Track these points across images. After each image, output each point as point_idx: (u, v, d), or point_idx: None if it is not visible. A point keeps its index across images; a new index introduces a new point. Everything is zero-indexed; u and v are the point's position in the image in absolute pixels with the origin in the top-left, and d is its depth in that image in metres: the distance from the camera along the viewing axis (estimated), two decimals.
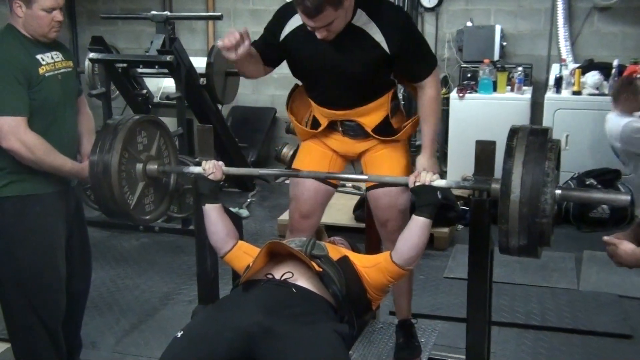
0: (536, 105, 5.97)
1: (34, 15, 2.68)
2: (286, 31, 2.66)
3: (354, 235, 3.51)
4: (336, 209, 5.05)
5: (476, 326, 2.42)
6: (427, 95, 2.71)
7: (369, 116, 2.77)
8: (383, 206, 2.82)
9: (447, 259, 4.71)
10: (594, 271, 4.45)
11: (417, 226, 2.33)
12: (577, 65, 5.85)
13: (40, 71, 2.72)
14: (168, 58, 4.96)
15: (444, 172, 5.85)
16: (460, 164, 5.79)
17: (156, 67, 5.32)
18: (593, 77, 5.63)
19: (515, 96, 5.88)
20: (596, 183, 5.27)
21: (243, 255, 2.48)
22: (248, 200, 6.00)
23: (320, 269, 2.32)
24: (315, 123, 2.89)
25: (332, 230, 4.55)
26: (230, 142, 5.87)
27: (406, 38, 2.59)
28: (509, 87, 5.93)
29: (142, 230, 5.19)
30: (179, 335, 2.07)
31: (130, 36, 7.34)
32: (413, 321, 3.07)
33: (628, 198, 2.06)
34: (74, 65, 2.97)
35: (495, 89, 5.92)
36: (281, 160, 6.43)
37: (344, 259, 2.43)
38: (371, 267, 2.41)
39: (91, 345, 3.61)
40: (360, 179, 3.29)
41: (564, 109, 5.59)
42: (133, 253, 4.95)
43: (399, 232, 2.72)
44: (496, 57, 6.07)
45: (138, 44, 7.17)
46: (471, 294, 2.39)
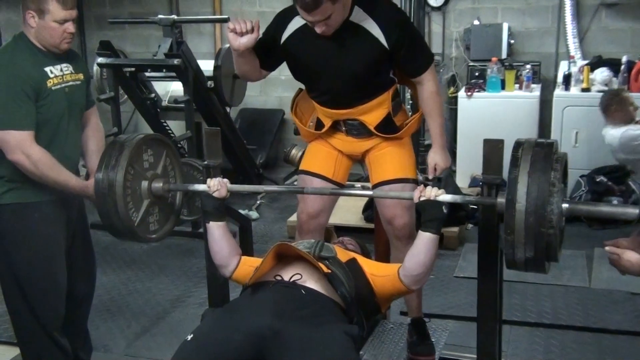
0: (545, 102, 5.94)
1: (46, 26, 2.67)
2: (287, 34, 2.71)
3: (363, 235, 3.51)
4: (345, 210, 5.05)
5: (487, 325, 2.41)
6: (427, 90, 2.76)
7: (371, 114, 2.80)
8: (388, 202, 2.82)
9: (458, 258, 4.70)
10: (606, 269, 4.41)
11: (423, 242, 2.28)
12: (586, 62, 5.83)
13: (48, 84, 2.71)
14: (176, 61, 4.97)
15: (453, 172, 5.83)
16: (469, 163, 5.78)
17: (164, 71, 5.33)
18: (602, 74, 5.60)
19: (523, 94, 5.86)
20: (606, 180, 5.25)
21: (249, 269, 2.44)
22: (257, 202, 5.99)
23: (329, 271, 2.32)
24: (319, 124, 2.91)
25: (341, 230, 4.56)
26: (238, 144, 5.88)
27: (403, 32, 2.63)
28: (517, 85, 5.92)
29: None
30: (189, 338, 2.08)
31: (137, 40, 7.36)
32: (425, 319, 3.06)
33: (637, 212, 2.01)
34: (86, 77, 2.94)
35: (503, 87, 5.91)
36: (290, 161, 6.43)
37: (353, 261, 2.43)
38: (379, 277, 2.40)
39: (103, 348, 3.63)
40: (365, 195, 3.30)
41: (573, 106, 5.57)
42: (143, 256, 4.97)
43: (405, 229, 2.73)
44: (504, 55, 6.05)
45: (146, 48, 7.19)
46: (481, 293, 2.39)
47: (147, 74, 5.55)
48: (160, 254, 4.99)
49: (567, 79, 5.70)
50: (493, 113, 5.80)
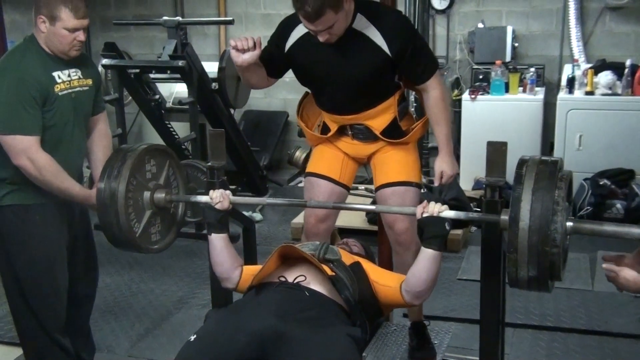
0: (549, 105, 5.94)
1: (57, 33, 2.66)
2: (291, 42, 2.70)
3: (367, 237, 3.51)
4: (349, 212, 5.04)
5: (489, 328, 2.41)
6: (433, 97, 2.74)
7: (377, 119, 2.80)
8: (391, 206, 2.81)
9: (461, 261, 4.71)
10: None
11: (426, 259, 2.27)
12: (590, 65, 5.81)
13: (55, 89, 2.71)
14: (180, 63, 4.98)
15: (457, 174, 5.82)
16: (472, 166, 5.78)
17: (168, 73, 5.34)
18: (606, 77, 5.59)
19: (527, 97, 5.86)
20: (610, 183, 5.25)
21: (251, 277, 2.43)
22: None
23: (333, 273, 2.32)
24: (325, 128, 2.92)
25: (345, 232, 4.57)
26: (242, 146, 5.89)
27: (406, 40, 2.62)
28: (521, 88, 5.91)
29: None
30: (192, 339, 2.08)
31: (142, 42, 7.38)
32: (425, 322, 3.06)
33: None
34: (95, 82, 2.92)
35: (507, 90, 5.90)
36: (294, 163, 6.45)
37: (357, 265, 2.44)
38: (382, 286, 2.40)
39: (106, 349, 3.64)
40: (367, 209, 3.30)
41: (577, 110, 5.55)
42: (147, 258, 4.95)
43: (406, 234, 2.73)
44: (508, 58, 6.05)
45: (150, 50, 7.20)
46: (484, 296, 2.39)
47: (152, 76, 5.56)
48: (163, 255, 4.97)
49: (571, 82, 5.69)
50: (497, 116, 5.81)
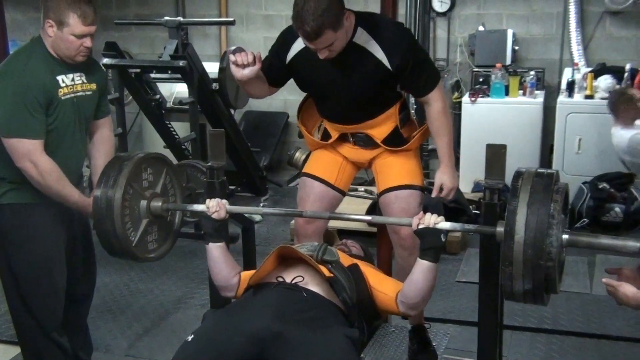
0: (548, 109, 5.95)
1: (64, 38, 2.65)
2: (292, 54, 2.70)
3: (366, 239, 3.52)
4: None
5: (487, 330, 2.42)
6: (434, 109, 2.73)
7: (378, 128, 2.80)
8: (395, 211, 2.79)
9: (459, 263, 4.71)
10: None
11: (422, 270, 2.27)
12: (590, 69, 5.83)
13: (59, 93, 2.70)
14: (181, 63, 4.98)
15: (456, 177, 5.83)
16: (472, 168, 5.78)
17: (169, 73, 5.34)
18: (605, 81, 5.60)
19: (527, 100, 5.87)
20: (609, 187, 5.25)
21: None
22: (260, 204, 6.01)
23: (331, 275, 2.32)
24: (326, 134, 2.91)
25: (344, 234, 4.57)
26: (242, 147, 5.89)
27: (407, 54, 2.60)
28: (521, 92, 5.92)
29: None
30: (190, 339, 2.08)
31: (143, 42, 7.38)
32: (426, 325, 3.05)
33: (637, 245, 2.01)
34: (99, 87, 2.90)
35: (507, 93, 5.91)
36: (294, 164, 6.43)
37: (355, 267, 2.44)
38: (379, 292, 2.41)
39: (104, 348, 3.64)
40: (364, 220, 3.28)
41: (577, 113, 5.56)
42: None
43: (411, 239, 2.72)
44: (508, 62, 6.06)
45: (151, 50, 7.21)
46: (482, 298, 2.40)
47: (152, 75, 5.56)
48: None
49: (571, 86, 5.70)
50: (496, 119, 5.81)
